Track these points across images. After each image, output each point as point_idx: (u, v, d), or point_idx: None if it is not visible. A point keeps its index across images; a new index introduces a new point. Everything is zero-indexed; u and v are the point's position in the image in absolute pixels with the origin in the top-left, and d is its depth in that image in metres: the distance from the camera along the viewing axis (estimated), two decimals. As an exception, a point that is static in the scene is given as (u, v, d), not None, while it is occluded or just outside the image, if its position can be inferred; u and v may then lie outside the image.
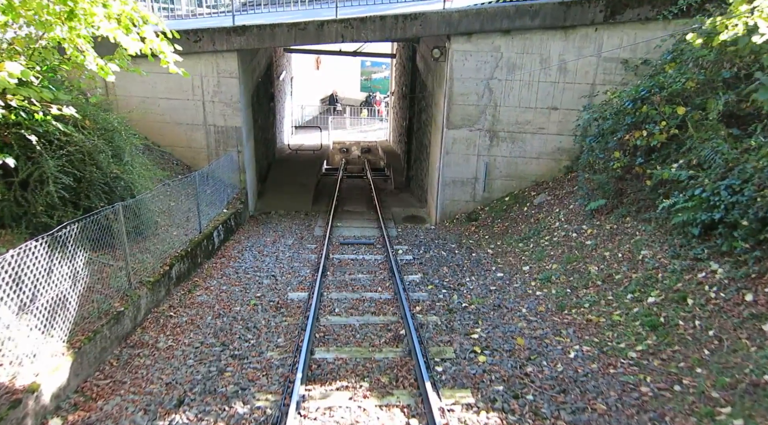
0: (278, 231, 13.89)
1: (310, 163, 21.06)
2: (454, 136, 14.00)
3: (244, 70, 14.64)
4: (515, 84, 13.39)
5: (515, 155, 14.06)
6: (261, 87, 18.04)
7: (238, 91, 14.08)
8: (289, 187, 18.12)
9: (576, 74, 13.17)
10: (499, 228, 13.28)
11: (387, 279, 10.18)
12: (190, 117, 14.43)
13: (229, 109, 14.26)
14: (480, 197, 14.59)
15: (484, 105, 13.65)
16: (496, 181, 14.39)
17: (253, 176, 16.13)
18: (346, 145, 32.76)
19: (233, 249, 11.90)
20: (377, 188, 21.43)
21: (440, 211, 14.84)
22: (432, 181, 15.83)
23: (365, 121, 36.89)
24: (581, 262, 9.64)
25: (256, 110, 17.13)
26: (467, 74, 13.39)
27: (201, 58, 13.81)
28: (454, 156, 14.20)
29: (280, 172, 19.31)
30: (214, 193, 13.84)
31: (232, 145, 14.62)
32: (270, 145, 20.06)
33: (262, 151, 18.19)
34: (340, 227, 14.61)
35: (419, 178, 19.00)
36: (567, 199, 12.58)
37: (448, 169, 14.35)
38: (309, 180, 18.83)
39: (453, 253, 11.92)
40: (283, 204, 16.90)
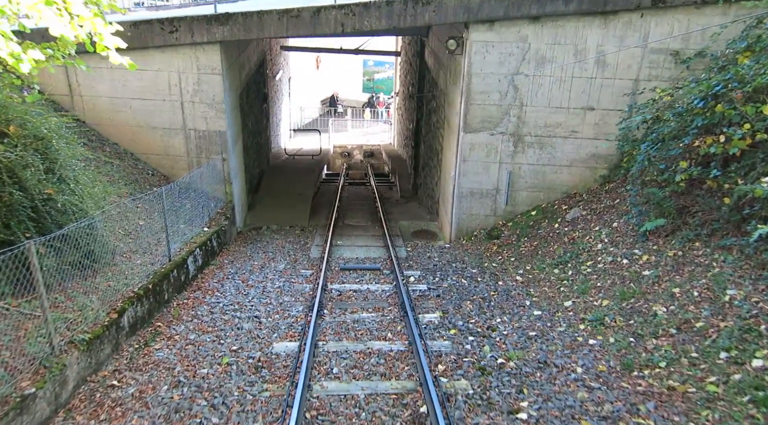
0: (269, 253, 11.96)
1: (308, 170, 19.14)
2: (473, 140, 12.06)
3: (230, 65, 12.73)
4: (545, 80, 11.45)
5: (543, 163, 12.11)
6: (252, 86, 16.14)
7: (222, 89, 12.16)
8: (284, 197, 16.20)
9: (616, 68, 11.22)
10: (526, 248, 11.33)
11: (398, 319, 8.24)
12: (167, 120, 12.51)
13: (211, 111, 12.35)
14: (502, 211, 12.64)
15: (507, 105, 11.72)
16: (521, 193, 12.44)
17: (241, 187, 14.21)
18: (348, 149, 30.93)
19: (213, 278, 9.96)
20: (382, 197, 19.51)
21: (456, 227, 12.90)
22: (445, 191, 13.89)
23: (368, 123, 34.99)
24: (641, 299, 7.68)
25: (246, 112, 15.23)
26: (488, 69, 11.46)
27: (178, 52, 11.90)
28: (472, 164, 12.27)
29: (275, 180, 17.40)
30: (194, 208, 11.92)
31: (215, 151, 12.69)
32: (263, 151, 18.15)
33: (253, 158, 16.28)
34: (341, 246, 12.68)
35: (429, 187, 17.06)
36: (607, 215, 10.64)
37: (465, 179, 12.41)
38: (306, 189, 16.91)
39: (475, 281, 9.97)
40: (277, 217, 14.98)
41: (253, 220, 14.86)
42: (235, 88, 13.35)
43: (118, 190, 11.13)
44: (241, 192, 14.19)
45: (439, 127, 15.16)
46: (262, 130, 17.85)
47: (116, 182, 11.27)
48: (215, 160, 12.72)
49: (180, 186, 10.88)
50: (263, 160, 18.16)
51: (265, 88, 18.33)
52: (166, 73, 12.08)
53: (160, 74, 12.10)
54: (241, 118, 14.29)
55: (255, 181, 16.67)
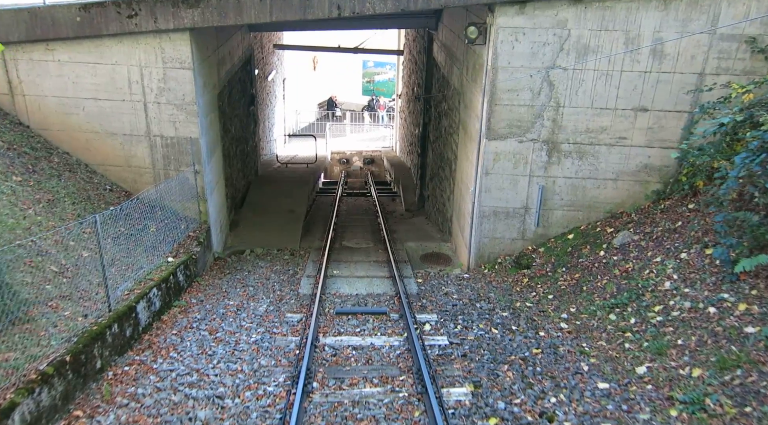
0: (249, 287, 9.79)
1: (302, 181, 16.98)
2: (498, 149, 9.92)
3: (204, 59, 10.60)
4: (587, 75, 9.32)
5: (583, 176, 9.97)
6: (236, 86, 14.01)
7: (194, 87, 10.02)
8: (273, 214, 14.04)
9: (677, 60, 9.10)
10: (566, 281, 9.18)
11: (414, 396, 6.06)
12: (128, 124, 10.37)
13: (180, 114, 10.20)
14: (531, 234, 10.49)
15: (540, 105, 9.59)
16: (555, 212, 10.29)
17: (220, 203, 12.05)
18: (347, 156, 28.85)
19: (172, 328, 7.79)
20: (384, 210, 17.38)
21: (475, 252, 10.74)
22: (461, 208, 11.74)
23: (368, 127, 32.89)
24: (752, 371, 5.54)
25: (228, 115, 13.09)
26: (518, 61, 9.34)
27: (139, 42, 9.77)
28: (496, 177, 10.13)
29: (263, 193, 15.24)
30: (160, 232, 9.78)
31: (186, 162, 10.54)
32: (250, 160, 16.00)
33: (236, 168, 14.13)
34: (337, 277, 10.50)
35: (439, 200, 14.92)
36: (669, 242, 8.49)
37: (487, 196, 10.27)
38: (298, 204, 14.74)
39: (509, 331, 7.80)
40: (263, 239, 12.81)
41: (235, 242, 12.69)
42: (211, 87, 11.21)
43: (61, 212, 8.98)
44: (220, 210, 12.03)
45: (452, 133, 13.03)
46: (248, 136, 15.71)
47: (59, 201, 9.11)
48: (186, 173, 10.57)
49: (133, 207, 8.75)
50: (250, 170, 16.01)
51: (253, 88, 16.21)
52: (125, 67, 9.95)
53: (118, 69, 9.96)
54: (220, 122, 12.14)
55: (239, 194, 14.52)
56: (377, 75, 35.68)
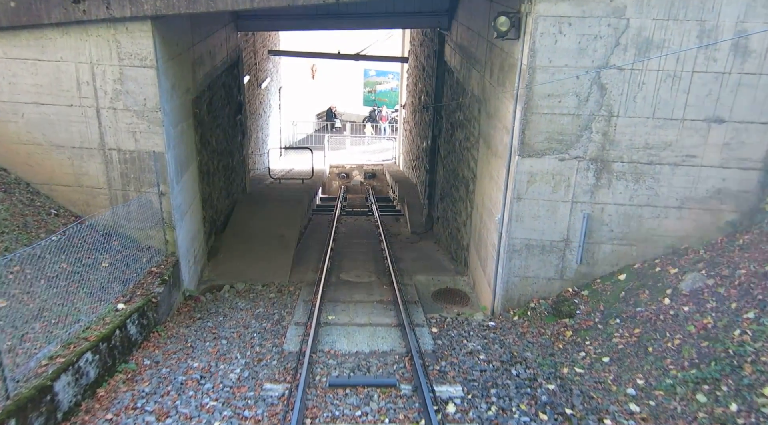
0: (221, 340, 7.79)
1: (295, 200, 15.01)
2: (533, 168, 7.99)
3: (173, 57, 8.70)
4: (648, 77, 7.41)
5: (639, 202, 8.02)
6: (218, 91, 12.12)
7: (158, 90, 8.11)
8: (260, 241, 12.07)
9: (766, 58, 7.19)
10: (623, 338, 7.20)
11: None
12: (77, 135, 8.45)
13: (141, 122, 8.28)
14: (572, 272, 8.52)
15: (588, 114, 7.66)
16: (603, 246, 8.33)
17: (193, 230, 10.08)
18: (346, 169, 26.97)
19: (107, 411, 5.79)
20: (387, 232, 15.44)
21: (502, 292, 8.77)
22: (482, 237, 9.77)
23: (369, 139, 31.04)
24: None
25: (208, 125, 11.17)
26: (561, 59, 7.43)
27: (89, 33, 7.88)
28: (530, 203, 8.18)
29: (250, 215, 13.27)
30: (112, 269, 7.84)
31: (149, 182, 8.60)
32: (236, 176, 14.07)
33: (218, 187, 12.20)
34: (333, 326, 8.50)
35: (452, 224, 12.97)
36: (761, 291, 6.53)
37: (518, 226, 8.31)
38: (290, 228, 12.76)
39: (563, 417, 5.81)
40: (246, 270, 10.85)
41: (213, 274, 10.72)
42: (183, 91, 9.30)
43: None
44: (194, 237, 10.06)
45: (470, 148, 11.11)
46: (234, 149, 13.80)
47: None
48: (149, 195, 8.62)
49: (81, 235, 6.81)
50: (236, 188, 14.07)
51: (241, 95, 14.32)
52: (72, 64, 8.04)
53: (64, 67, 8.06)
54: (196, 132, 10.23)
55: (222, 216, 12.56)
56: (379, 84, 33.92)
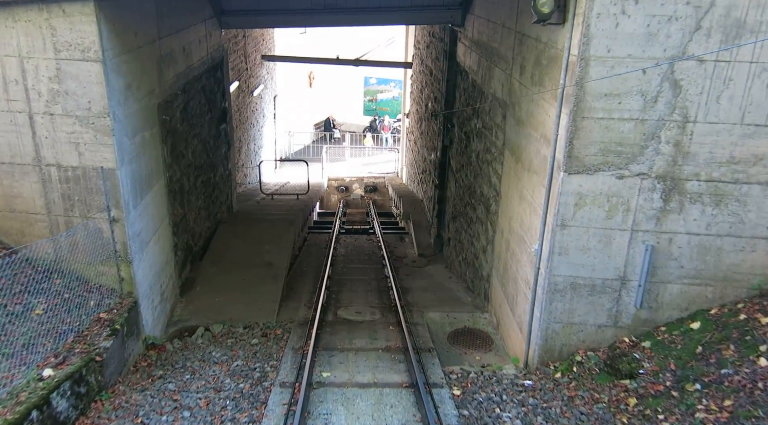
0: (182, 411, 6.02)
1: (287, 220, 13.24)
2: (582, 187, 6.26)
3: (130, 50, 7.00)
4: (738, 71, 5.70)
5: (719, 231, 6.28)
6: (196, 96, 10.43)
7: (106, 90, 6.41)
8: (244, 270, 10.30)
9: None
10: (709, 413, 5.42)
11: None
12: (6, 148, 6.73)
13: (87, 131, 6.57)
14: (629, 318, 6.76)
15: (657, 119, 5.95)
16: (670, 286, 6.58)
17: (159, 262, 8.32)
18: (346, 183, 25.32)
19: None
20: (392, 254, 13.74)
21: (540, 342, 7.00)
22: (512, 272, 8.02)
23: (369, 151, 29.37)
24: None
25: (182, 135, 9.47)
26: (623, 48, 5.72)
27: (15, 18, 6.18)
28: (578, 232, 6.44)
29: (235, 238, 11.50)
30: (48, 316, 6.11)
31: (98, 206, 6.87)
32: (219, 193, 12.33)
33: (196, 207, 10.47)
34: (328, 387, 6.70)
35: (467, 249, 11.23)
36: None
37: (563, 260, 6.57)
38: (280, 253, 10.98)
39: None
40: (226, 308, 9.09)
41: (186, 313, 8.96)
42: (145, 93, 7.59)
43: None
44: (160, 272, 8.29)
45: (491, 161, 9.40)
46: (217, 162, 12.08)
47: None
48: (98, 221, 6.89)
49: None
50: (219, 206, 12.32)
51: (225, 100, 12.63)
52: (-4, 58, 6.35)
53: (-14, 61, 6.37)
54: (165, 143, 8.51)
55: (200, 241, 10.81)
56: (380, 93, 32.33)
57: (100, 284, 7.12)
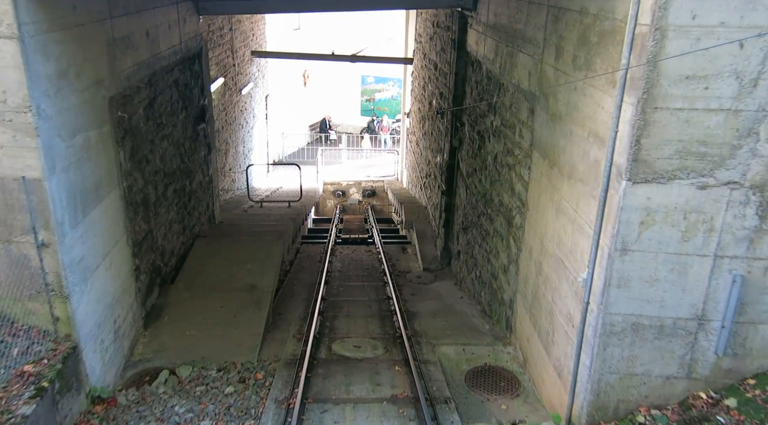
0: None
1: (276, 232, 11.67)
2: (652, 200, 4.76)
3: (64, 25, 5.47)
4: None
5: (830, 257, 4.79)
6: (166, 89, 8.92)
7: (27, 77, 4.89)
8: (222, 294, 8.76)
9: None
10: None
11: None
12: None
13: (3, 131, 5.05)
14: (708, 367, 5.25)
15: (755, 109, 4.45)
16: (763, 328, 5.07)
17: (112, 293, 6.76)
18: (342, 187, 23.87)
19: None
20: (394, 269, 12.31)
21: (591, 396, 5.48)
22: (547, 301, 6.50)
23: (367, 153, 27.89)
24: None
25: (145, 136, 7.94)
26: (712, 14, 4.23)
27: None
28: (643, 258, 4.93)
29: (213, 256, 9.94)
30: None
31: (22, 226, 5.34)
32: (196, 203, 10.81)
33: (166, 220, 8.94)
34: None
35: (481, 266, 9.73)
36: None
37: (622, 293, 5.06)
38: (265, 273, 9.41)
39: None
40: (198, 342, 7.56)
41: (149, 350, 7.42)
42: (88, 82, 6.06)
43: None
44: (114, 303, 6.73)
45: (514, 164, 7.90)
46: (194, 168, 10.55)
47: None
48: (23, 246, 5.36)
49: None
50: (196, 219, 10.79)
51: (204, 98, 11.11)
52: None
53: None
54: (121, 145, 6.99)
55: (173, 261, 9.27)
56: (378, 92, 30.87)
57: (30, 325, 5.60)
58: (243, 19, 18.72)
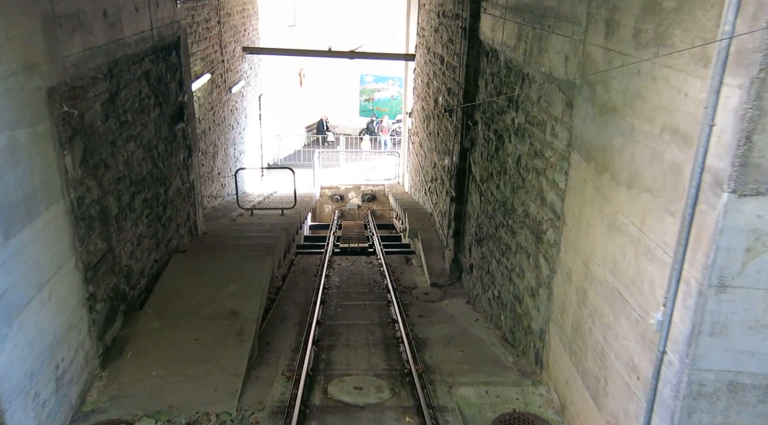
0: None
1: (266, 246, 10.28)
2: (763, 220, 3.46)
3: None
4: None
5: None
6: (133, 83, 7.60)
7: None
8: (198, 323, 7.41)
9: None
10: None
11: None
12: None
13: None
14: (826, 440, 3.96)
15: None
16: None
17: (52, 333, 5.42)
18: (341, 191, 22.60)
19: None
20: (398, 284, 11.05)
21: (660, 474, 4.19)
22: (598, 342, 5.18)
23: (367, 155, 26.64)
24: None
25: (106, 136, 6.61)
26: None
27: None
28: (747, 296, 3.63)
29: (191, 275, 8.57)
30: None
31: None
32: (173, 214, 9.48)
33: (134, 236, 7.62)
34: None
35: (501, 285, 8.43)
36: None
37: (716, 344, 3.76)
38: (251, 296, 8.05)
39: None
40: (165, 387, 6.24)
41: (104, 398, 6.09)
42: (16, 68, 4.75)
43: None
44: (56, 345, 5.38)
45: (543, 169, 6.60)
46: (170, 174, 9.23)
47: None
48: None
49: None
50: (173, 232, 9.47)
51: (183, 94, 9.80)
52: None
53: None
54: (70, 148, 5.68)
55: (142, 282, 7.94)
56: (377, 91, 29.64)
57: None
58: (233, 12, 17.46)
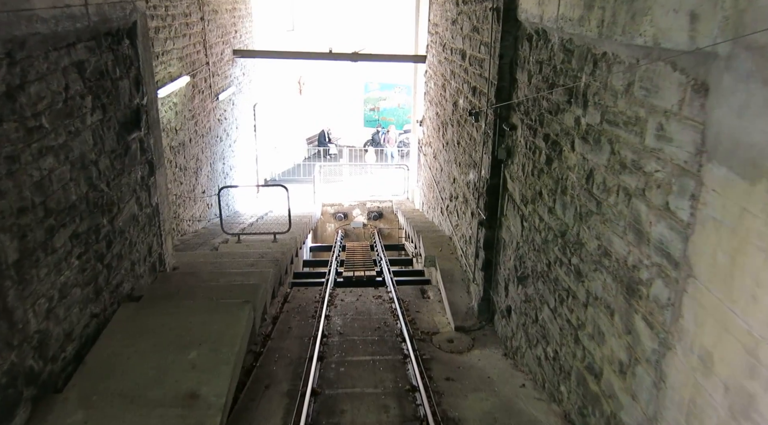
0: None
1: (243, 292, 7.92)
2: None
3: None
4: None
5: None
6: (52, 76, 5.49)
7: None
8: (138, 410, 5.22)
9: None
10: None
11: None
12: None
13: None
14: None
15: None
16: None
17: None
18: (344, 208, 20.48)
19: None
20: (416, 330, 8.90)
21: None
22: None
23: (372, 169, 24.53)
24: None
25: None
26: None
27: None
28: None
29: (139, 335, 6.35)
30: None
31: None
32: (122, 251, 7.30)
33: (51, 288, 5.45)
34: None
35: (564, 343, 6.20)
36: None
37: None
38: (217, 369, 5.82)
39: None
40: None
41: None
42: None
43: None
44: None
45: (642, 189, 4.41)
46: (121, 197, 7.07)
47: None
48: None
49: None
50: (126, 274, 7.28)
51: (141, 96, 7.68)
52: None
53: None
54: None
55: (68, 351, 5.75)
56: (383, 100, 27.60)
57: None
58: (220, 9, 15.46)
